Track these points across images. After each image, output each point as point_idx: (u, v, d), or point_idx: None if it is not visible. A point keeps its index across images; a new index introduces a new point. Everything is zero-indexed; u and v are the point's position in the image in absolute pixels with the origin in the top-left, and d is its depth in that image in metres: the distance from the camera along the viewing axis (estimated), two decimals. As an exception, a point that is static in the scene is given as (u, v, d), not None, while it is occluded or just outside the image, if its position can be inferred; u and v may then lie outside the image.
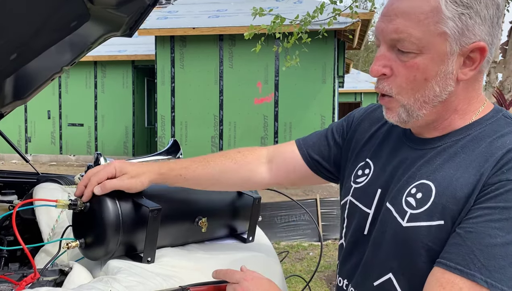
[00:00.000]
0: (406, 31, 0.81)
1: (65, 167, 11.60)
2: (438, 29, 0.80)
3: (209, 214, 1.17)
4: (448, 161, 0.85)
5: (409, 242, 0.83)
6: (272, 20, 5.41)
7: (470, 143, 0.84)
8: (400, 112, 0.87)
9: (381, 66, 0.85)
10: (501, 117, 0.87)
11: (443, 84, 0.84)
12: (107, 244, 0.99)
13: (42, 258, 1.14)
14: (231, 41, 9.56)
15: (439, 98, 0.85)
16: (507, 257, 0.73)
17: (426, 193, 0.84)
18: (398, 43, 0.83)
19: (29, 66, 1.75)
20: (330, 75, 9.18)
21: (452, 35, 0.81)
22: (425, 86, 0.84)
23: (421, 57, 0.82)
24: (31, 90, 1.90)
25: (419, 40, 0.81)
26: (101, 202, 1.00)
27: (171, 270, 1.01)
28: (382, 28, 0.85)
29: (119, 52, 11.75)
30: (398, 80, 0.85)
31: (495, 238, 0.74)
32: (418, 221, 0.83)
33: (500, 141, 0.81)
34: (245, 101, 9.57)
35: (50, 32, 1.62)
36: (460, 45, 0.82)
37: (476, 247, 0.74)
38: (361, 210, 0.96)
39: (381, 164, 0.96)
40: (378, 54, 0.86)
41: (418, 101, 0.85)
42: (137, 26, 1.76)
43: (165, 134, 9.94)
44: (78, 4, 1.48)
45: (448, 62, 0.82)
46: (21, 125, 12.66)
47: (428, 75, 0.83)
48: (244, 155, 1.16)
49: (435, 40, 0.81)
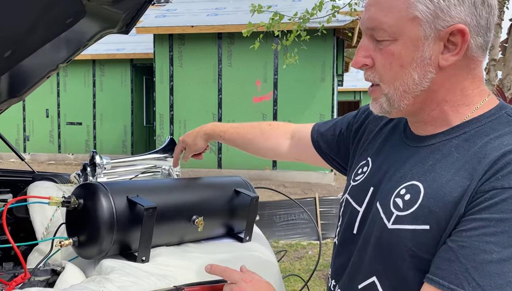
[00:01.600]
0: (378, 19, 0.80)
1: (63, 165, 11.58)
2: (409, 14, 0.77)
3: (206, 213, 1.15)
4: (441, 161, 0.80)
5: (393, 245, 0.80)
6: (270, 17, 5.39)
7: (465, 142, 0.79)
8: (382, 102, 0.85)
9: (362, 56, 0.84)
10: (503, 115, 0.80)
11: (422, 71, 0.80)
12: (100, 242, 0.97)
13: (35, 257, 1.12)
14: (230, 40, 9.53)
15: (419, 86, 0.81)
16: (504, 275, 0.66)
17: (414, 195, 0.80)
18: (373, 32, 0.81)
19: (24, 63, 1.73)
20: (329, 73, 9.16)
21: (424, 18, 0.77)
22: (403, 74, 0.81)
23: (395, 44, 0.80)
24: (27, 88, 1.89)
25: (390, 27, 0.79)
26: (95, 199, 0.98)
27: (166, 270, 0.99)
28: (361, 18, 0.85)
29: (118, 50, 11.72)
30: (378, 69, 0.83)
31: (491, 253, 0.67)
32: (403, 224, 0.79)
33: (497, 142, 0.75)
34: (244, 100, 9.55)
35: (46, 29, 1.60)
36: (435, 29, 0.77)
37: (470, 264, 0.68)
38: (353, 207, 0.94)
39: (379, 162, 0.93)
40: (359, 46, 0.85)
41: (398, 91, 0.82)
42: (133, 23, 1.74)
43: (163, 133, 9.92)
44: (73, 1, 1.47)
45: (424, 47, 0.79)
46: (19, 124, 12.63)
47: (403, 62, 0.80)
48: (273, 128, 1.33)
49: (407, 26, 0.78)
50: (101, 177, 1.54)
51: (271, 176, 9.38)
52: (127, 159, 1.68)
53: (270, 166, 9.46)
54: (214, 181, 1.28)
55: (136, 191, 1.04)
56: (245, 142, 1.33)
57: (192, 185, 1.22)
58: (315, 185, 8.73)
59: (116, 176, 1.61)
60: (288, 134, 1.30)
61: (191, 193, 1.16)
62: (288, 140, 1.29)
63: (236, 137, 1.33)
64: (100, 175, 1.54)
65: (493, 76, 7.93)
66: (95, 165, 1.54)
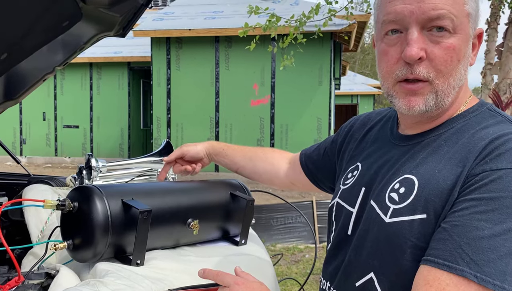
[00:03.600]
0: (444, 8, 0.79)
1: (60, 168, 11.54)
2: (465, 9, 0.81)
3: (201, 216, 1.15)
4: (432, 154, 0.83)
5: (392, 239, 0.81)
6: (267, 19, 5.41)
7: (453, 135, 0.83)
8: (429, 99, 0.83)
9: (419, 48, 0.80)
10: (485, 110, 0.86)
11: (465, 68, 0.83)
12: (95, 245, 0.97)
13: (30, 260, 1.12)
14: (227, 43, 9.55)
15: (460, 82, 0.84)
16: (496, 250, 0.69)
17: (409, 187, 0.82)
18: (436, 21, 0.79)
19: (21, 66, 1.73)
20: (327, 77, 9.18)
21: (473, 17, 0.83)
22: (457, 69, 0.82)
23: (455, 38, 0.81)
24: (23, 91, 1.88)
25: (456, 18, 0.80)
26: (90, 202, 0.98)
27: (161, 273, 0.99)
28: (411, 10, 0.80)
29: (115, 53, 11.71)
30: (435, 63, 0.81)
31: (482, 230, 0.71)
32: (400, 216, 0.81)
33: (483, 132, 0.80)
34: (241, 103, 9.55)
35: (42, 32, 1.60)
36: (474, 28, 0.83)
37: (463, 241, 0.71)
38: (346, 209, 0.96)
39: (369, 164, 0.96)
40: (413, 37, 0.80)
41: (450, 86, 0.83)
42: (130, 26, 1.74)
43: (160, 136, 9.91)
44: (70, 4, 1.47)
45: (470, 44, 0.84)
46: (16, 127, 12.59)
47: (460, 56, 0.82)
48: (274, 153, 1.40)
49: (465, 21, 0.81)
50: (97, 180, 1.53)
51: (268, 179, 9.37)
52: (123, 162, 1.67)
53: (267, 169, 9.45)
54: (209, 184, 1.28)
55: (131, 194, 1.04)
56: (245, 159, 1.37)
57: (187, 188, 1.21)
58: (312, 188, 8.72)
59: (112, 179, 1.61)
60: (286, 159, 1.37)
61: (186, 196, 1.16)
62: (286, 165, 1.35)
63: (237, 152, 1.38)
64: (96, 178, 1.54)
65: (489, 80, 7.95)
66: (91, 168, 1.53)
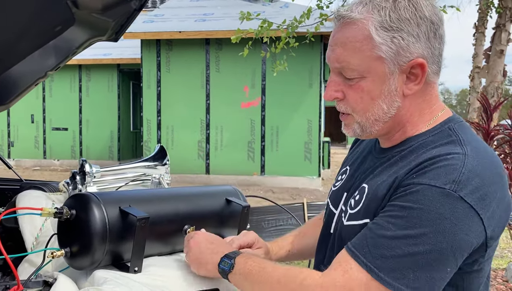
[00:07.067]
0: (345, 60, 0.90)
1: (49, 171, 11.43)
2: (373, 54, 0.88)
3: (198, 223, 1.15)
4: (387, 168, 0.94)
5: (344, 240, 0.92)
6: (259, 25, 5.42)
7: (409, 153, 0.92)
8: (355, 128, 0.96)
9: (333, 91, 0.94)
10: (446, 129, 0.92)
11: (389, 102, 0.91)
12: (93, 253, 0.97)
13: (25, 268, 1.11)
14: (217, 45, 9.54)
15: (388, 114, 0.93)
16: (391, 249, 0.81)
17: (362, 195, 0.95)
18: (342, 70, 0.91)
19: (13, 70, 1.72)
20: (317, 79, 9.22)
21: (388, 57, 0.88)
22: (373, 106, 0.92)
23: (364, 81, 0.90)
24: (15, 95, 1.87)
25: (358, 66, 0.89)
26: (88, 210, 0.98)
27: (158, 280, 0.99)
28: (328, 56, 0.94)
29: (104, 55, 11.64)
30: (349, 102, 0.94)
31: (387, 230, 0.82)
32: (352, 220, 0.94)
33: (433, 151, 0.87)
34: (232, 106, 9.55)
35: (34, 36, 1.59)
36: (399, 65, 0.89)
37: (370, 235, 0.84)
38: (330, 210, 1.08)
39: (353, 171, 1.07)
40: (329, 81, 0.95)
41: (370, 120, 0.94)
42: (123, 31, 1.74)
43: (151, 138, 9.86)
44: (63, 9, 1.46)
45: (390, 81, 0.90)
46: (4, 129, 12.44)
47: (373, 95, 0.91)
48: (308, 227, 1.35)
49: (373, 64, 0.89)
50: (91, 186, 1.53)
51: (259, 182, 9.38)
52: (117, 167, 1.67)
53: (258, 172, 9.47)
54: (205, 190, 1.28)
55: (128, 201, 1.04)
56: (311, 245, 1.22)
57: (183, 195, 1.22)
58: (303, 190, 8.75)
59: (106, 184, 1.61)
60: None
61: (183, 202, 1.17)
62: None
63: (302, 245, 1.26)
64: (90, 183, 1.53)
65: (477, 83, 8.04)
66: (84, 173, 1.53)
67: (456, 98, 54.28)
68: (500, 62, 7.34)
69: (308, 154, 9.28)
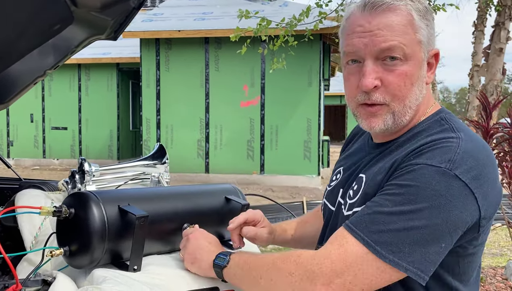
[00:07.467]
0: (395, 39, 0.91)
1: (48, 171, 11.43)
2: (416, 37, 0.93)
3: (197, 221, 1.15)
4: (383, 157, 0.97)
5: None
6: (258, 23, 5.41)
7: (405, 142, 0.96)
8: (387, 119, 0.95)
9: (373, 78, 0.93)
10: (438, 119, 0.97)
11: (421, 88, 0.95)
12: (92, 251, 0.97)
13: (24, 267, 1.11)
14: (217, 44, 9.54)
15: (417, 101, 0.95)
16: (387, 224, 0.83)
17: (360, 184, 0.98)
18: (387, 52, 0.92)
19: (11, 69, 1.71)
20: (316, 78, 9.22)
21: (424, 42, 0.94)
22: (412, 92, 0.94)
23: (407, 65, 0.92)
24: (13, 94, 1.87)
25: (406, 47, 0.91)
26: (87, 208, 0.97)
27: (158, 278, 0.99)
28: (365, 43, 0.93)
29: (104, 54, 11.63)
30: (390, 89, 0.93)
31: (384, 207, 0.85)
32: (352, 209, 0.96)
33: (424, 139, 0.92)
34: (231, 104, 9.54)
35: (33, 35, 1.59)
36: (427, 51, 0.95)
37: (367, 212, 0.87)
38: (329, 208, 1.10)
39: (347, 169, 1.10)
40: (366, 69, 0.93)
41: (406, 107, 0.95)
42: (121, 30, 1.73)
43: (150, 137, 9.86)
44: (61, 7, 1.46)
45: (423, 67, 0.95)
46: (3, 129, 12.44)
47: (413, 80, 0.93)
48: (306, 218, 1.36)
49: (416, 48, 0.93)
50: (90, 184, 1.53)
51: (258, 180, 9.38)
52: (116, 166, 1.67)
53: (258, 170, 9.47)
54: (205, 189, 1.28)
55: (128, 200, 1.04)
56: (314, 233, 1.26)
57: (183, 193, 1.22)
58: (303, 189, 8.76)
59: (105, 183, 1.60)
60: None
61: (182, 201, 1.16)
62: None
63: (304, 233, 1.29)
64: (89, 182, 1.53)
65: (477, 81, 8.04)
66: (83, 172, 1.53)
67: (455, 97, 54.26)
68: (500, 60, 7.35)
69: (307, 153, 9.28)
